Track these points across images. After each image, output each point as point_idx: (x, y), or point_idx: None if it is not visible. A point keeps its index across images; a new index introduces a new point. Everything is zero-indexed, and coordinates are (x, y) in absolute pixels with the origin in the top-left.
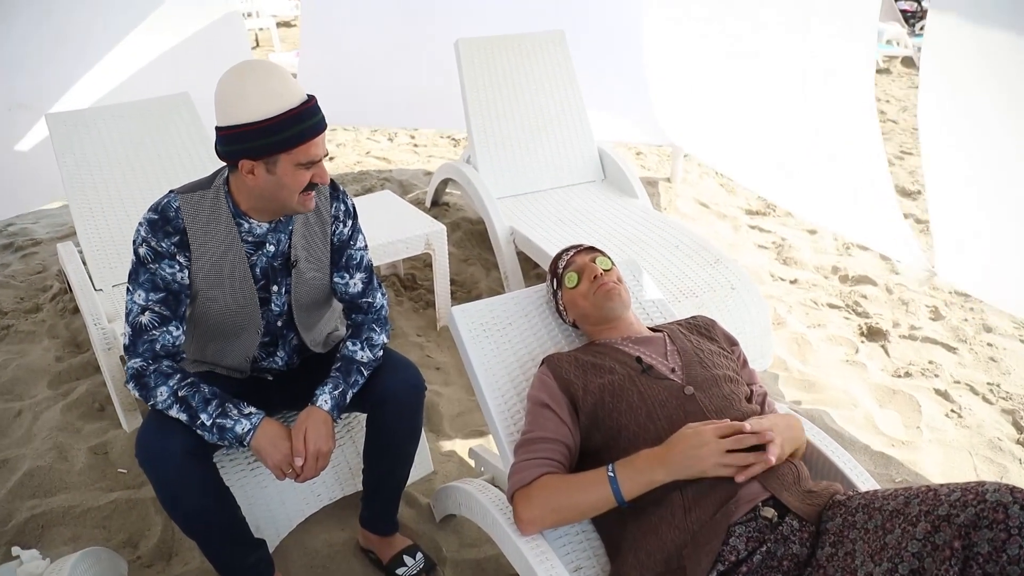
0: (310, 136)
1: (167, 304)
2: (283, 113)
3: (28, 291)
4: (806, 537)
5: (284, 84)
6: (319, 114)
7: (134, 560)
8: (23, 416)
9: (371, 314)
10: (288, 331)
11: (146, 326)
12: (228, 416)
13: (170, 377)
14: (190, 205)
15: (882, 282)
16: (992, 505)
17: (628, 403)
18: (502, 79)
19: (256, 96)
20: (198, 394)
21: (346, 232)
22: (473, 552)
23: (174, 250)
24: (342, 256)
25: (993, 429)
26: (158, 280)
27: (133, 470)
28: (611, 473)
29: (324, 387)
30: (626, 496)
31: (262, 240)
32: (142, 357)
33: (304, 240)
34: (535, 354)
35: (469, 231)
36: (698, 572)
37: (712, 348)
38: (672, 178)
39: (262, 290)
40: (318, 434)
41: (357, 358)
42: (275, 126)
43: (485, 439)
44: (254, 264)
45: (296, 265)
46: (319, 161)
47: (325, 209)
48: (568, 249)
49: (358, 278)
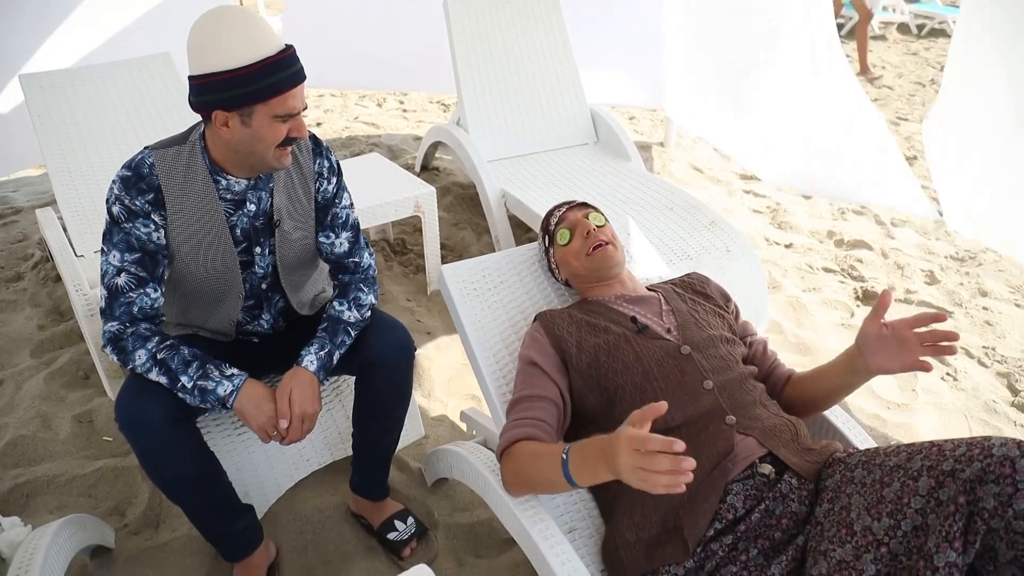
0: (287, 87)
1: (143, 265)
2: (259, 61)
3: (9, 260)
4: (805, 495)
5: (261, 30)
6: (297, 64)
7: (121, 528)
8: (5, 385)
9: (358, 274)
10: (273, 293)
11: (122, 288)
12: (210, 378)
13: (148, 340)
14: (165, 161)
15: (878, 246)
16: (999, 459)
17: (624, 363)
18: (492, 39)
19: (231, 42)
20: (178, 356)
21: (331, 190)
22: (465, 516)
23: (149, 208)
24: (327, 215)
25: (988, 392)
26: (133, 240)
27: (118, 438)
28: (564, 455)
29: (309, 348)
30: (577, 483)
31: (241, 199)
32: (119, 320)
33: (287, 199)
34: (527, 313)
35: (459, 195)
36: (695, 532)
37: (707, 307)
38: (666, 142)
39: (244, 252)
40: (303, 395)
41: (344, 318)
42: (251, 75)
43: (476, 402)
44: (234, 225)
45: (279, 225)
46: (297, 114)
47: (308, 166)
48: (560, 205)
49: (344, 237)
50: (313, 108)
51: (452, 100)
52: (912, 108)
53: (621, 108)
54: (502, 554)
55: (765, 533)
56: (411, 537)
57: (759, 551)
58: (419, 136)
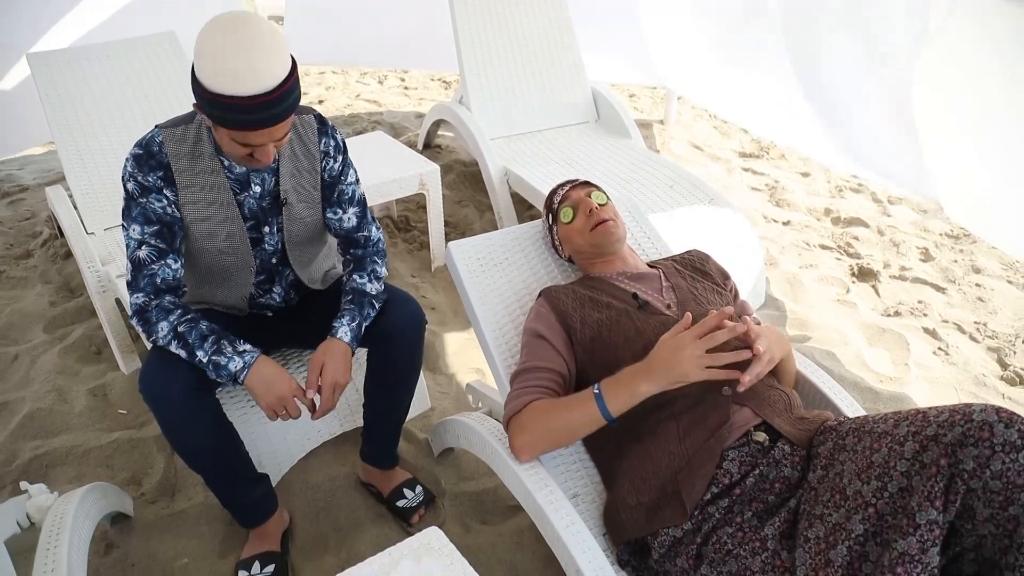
0: (249, 127)
1: (162, 237)
2: (232, 97)
3: (18, 237)
4: (797, 461)
5: (253, 67)
6: (274, 108)
7: (138, 497)
8: (20, 360)
9: (370, 247)
10: (283, 268)
11: (144, 260)
12: (223, 353)
13: (171, 312)
14: (173, 139)
15: (874, 224)
16: (978, 424)
17: (625, 337)
18: (494, 17)
19: (219, 66)
20: (195, 330)
21: (337, 167)
22: (471, 484)
23: (160, 184)
24: (334, 192)
25: (979, 366)
26: (150, 213)
27: (133, 410)
28: (596, 391)
29: (341, 319)
30: (613, 412)
31: (246, 179)
32: (144, 292)
33: (292, 177)
34: (531, 288)
35: (462, 173)
36: (693, 495)
37: (706, 284)
38: (666, 120)
39: (253, 230)
40: (336, 366)
41: (367, 290)
42: (220, 103)
43: (480, 375)
44: (242, 203)
45: (286, 203)
46: (261, 146)
47: (314, 145)
48: (563, 184)
49: (352, 212)
50: (315, 85)
51: (453, 77)
52: None
53: (621, 86)
54: (507, 520)
55: (759, 496)
56: (419, 504)
57: (753, 513)
58: (421, 113)
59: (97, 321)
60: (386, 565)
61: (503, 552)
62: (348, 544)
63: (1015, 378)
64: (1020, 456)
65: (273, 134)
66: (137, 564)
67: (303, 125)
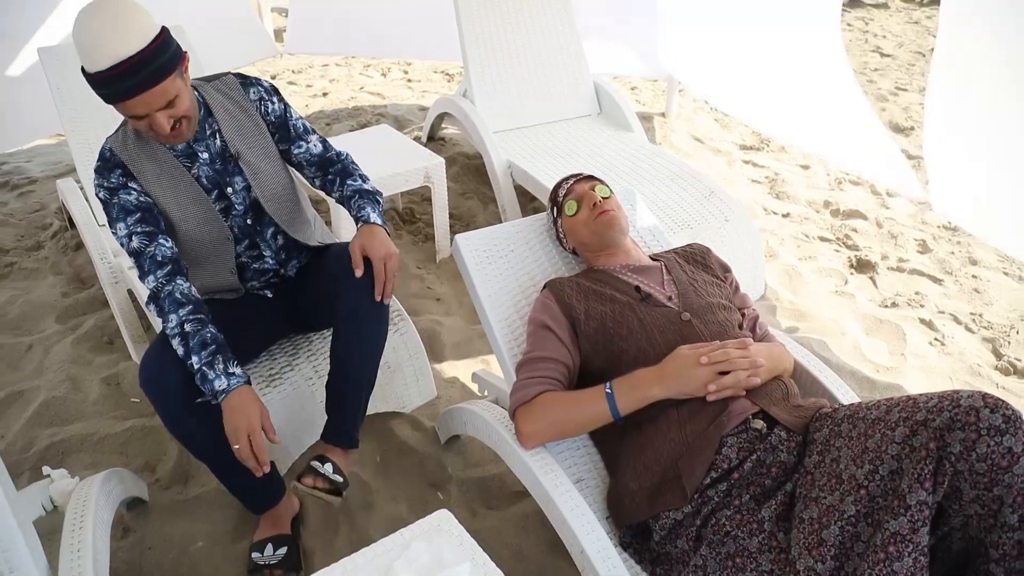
0: (118, 98)
1: (146, 222)
2: (95, 72)
3: (28, 229)
4: (793, 446)
5: (104, 41)
6: (137, 75)
7: (153, 483)
8: (34, 350)
9: (343, 161)
10: (263, 228)
11: (140, 248)
12: (214, 368)
13: (182, 306)
14: (117, 143)
15: (872, 216)
16: (965, 409)
17: (629, 328)
18: (498, 13)
19: (81, 48)
20: (199, 335)
21: (278, 108)
22: (477, 471)
23: (124, 180)
24: (288, 129)
25: (974, 356)
26: (127, 206)
27: (146, 399)
28: (608, 390)
29: (364, 209)
30: (622, 411)
31: (191, 151)
32: (152, 275)
33: (238, 134)
34: (536, 280)
35: (466, 165)
36: (693, 479)
37: (706, 277)
38: (667, 113)
39: (219, 199)
40: (380, 242)
41: (366, 188)
42: (94, 81)
43: (485, 364)
44: (197, 176)
45: (240, 156)
46: (148, 115)
47: (243, 98)
48: (568, 178)
49: (314, 139)
50: (319, 78)
51: (456, 70)
52: (911, 78)
53: (623, 78)
54: (512, 506)
55: (756, 481)
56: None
57: (751, 496)
58: (424, 106)
59: (108, 311)
60: (399, 545)
61: (509, 536)
62: (358, 527)
63: (1009, 368)
64: (1004, 439)
65: (151, 103)
66: (154, 547)
67: (224, 85)
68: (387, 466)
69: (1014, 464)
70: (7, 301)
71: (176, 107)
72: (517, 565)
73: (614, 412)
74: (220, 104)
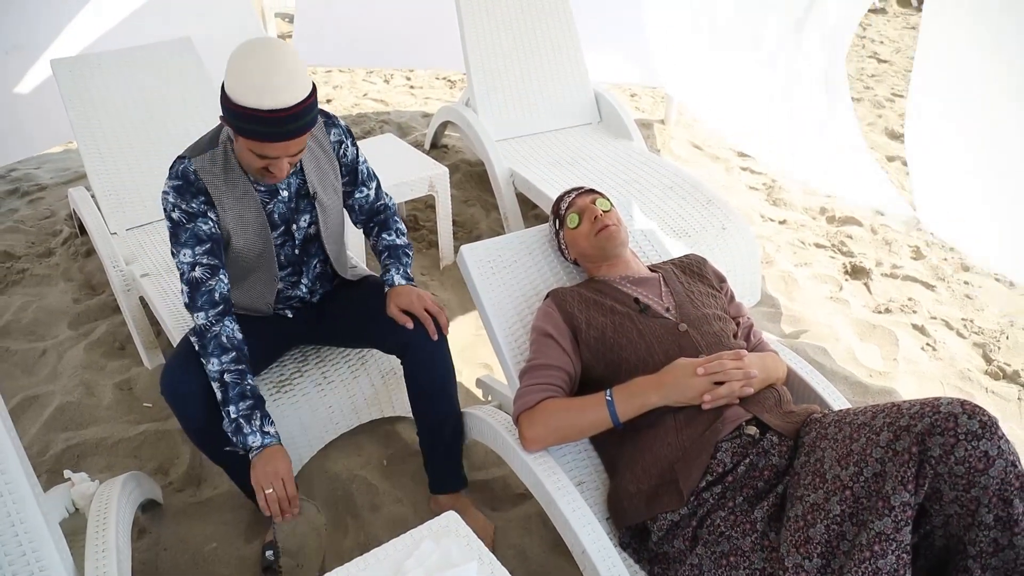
0: (266, 140)
1: (213, 254)
2: (253, 110)
3: (39, 236)
4: (784, 451)
5: (274, 84)
6: (291, 124)
7: (166, 486)
8: (48, 355)
9: (390, 211)
10: (309, 258)
11: (201, 279)
12: (251, 423)
13: (226, 352)
14: (204, 166)
15: (867, 223)
16: (945, 416)
17: (628, 338)
18: (501, 22)
19: (244, 82)
20: (239, 387)
21: (352, 151)
22: (482, 474)
23: (204, 208)
24: (357, 174)
25: (964, 361)
26: (200, 235)
27: (158, 404)
28: (609, 398)
29: (389, 272)
30: (621, 418)
31: (274, 189)
32: (204, 311)
33: (316, 173)
34: (539, 289)
35: (468, 173)
36: (689, 483)
37: (702, 288)
38: (666, 120)
39: (283, 234)
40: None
41: (399, 243)
42: (243, 115)
43: (489, 371)
44: (271, 212)
45: (316, 197)
46: (275, 159)
47: (325, 138)
48: (570, 191)
49: (372, 187)
50: (322, 84)
51: (457, 77)
52: (907, 85)
53: (623, 86)
54: (515, 508)
55: (749, 483)
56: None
57: (744, 498)
58: (427, 113)
59: (119, 317)
60: (408, 545)
61: (513, 537)
62: (366, 529)
63: (999, 372)
64: (980, 444)
65: (288, 149)
66: (169, 548)
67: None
68: (393, 469)
69: (989, 467)
70: (20, 307)
71: (299, 156)
72: (521, 564)
73: (614, 418)
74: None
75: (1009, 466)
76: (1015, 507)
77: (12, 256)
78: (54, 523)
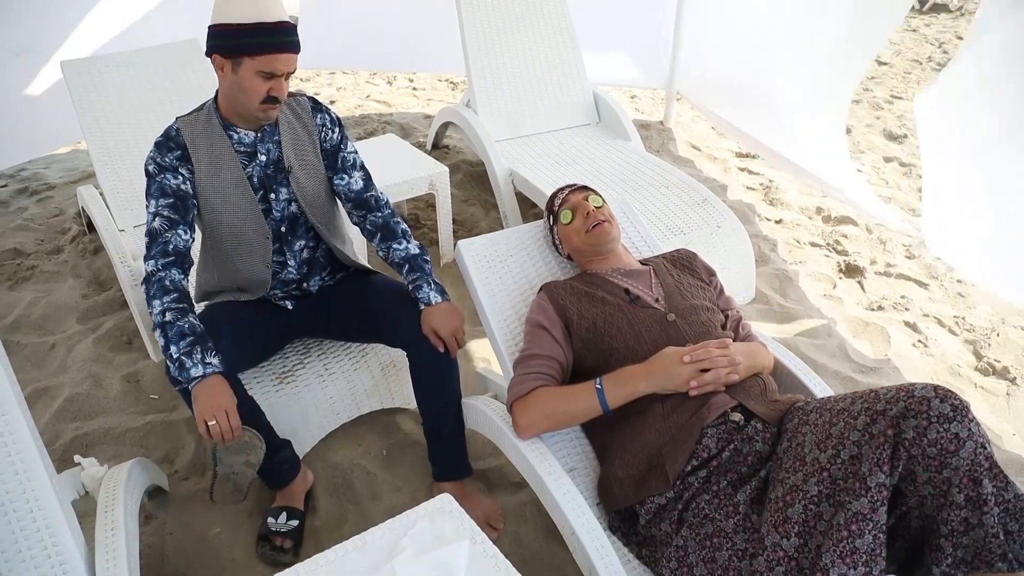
0: (275, 50)
1: (175, 208)
2: (257, 23)
3: (48, 234)
4: (768, 437)
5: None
6: (292, 36)
7: (172, 474)
8: (57, 349)
9: (385, 209)
10: (293, 238)
11: (158, 230)
12: (191, 356)
13: (167, 293)
14: (187, 124)
15: (863, 222)
16: (918, 399)
17: (618, 328)
18: (502, 23)
19: (239, 2)
20: (178, 325)
21: (335, 137)
22: (479, 463)
23: (176, 163)
24: (337, 159)
25: (955, 357)
26: (165, 188)
27: (164, 395)
28: (599, 386)
29: (420, 290)
30: (611, 405)
31: (252, 150)
32: (154, 259)
33: (294, 148)
34: (533, 283)
35: (469, 173)
36: (675, 467)
37: (691, 280)
38: (665, 121)
39: (262, 200)
40: (444, 318)
41: (412, 252)
42: (246, 32)
43: (487, 364)
44: (250, 175)
45: (291, 170)
46: (280, 76)
47: (310, 120)
48: (563, 188)
49: (357, 176)
50: (326, 86)
51: (459, 79)
52: (907, 86)
53: (623, 87)
54: (511, 496)
55: (734, 468)
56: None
57: (728, 482)
58: (429, 115)
59: (127, 312)
60: (404, 525)
61: (508, 524)
62: (365, 515)
63: (988, 368)
64: (951, 426)
65: (289, 65)
66: (175, 533)
67: (298, 104)
68: (392, 459)
69: (960, 448)
70: (30, 302)
71: (289, 82)
72: (516, 550)
73: (604, 405)
74: (287, 119)
75: (979, 447)
76: (984, 487)
77: (22, 253)
78: (66, 502)
